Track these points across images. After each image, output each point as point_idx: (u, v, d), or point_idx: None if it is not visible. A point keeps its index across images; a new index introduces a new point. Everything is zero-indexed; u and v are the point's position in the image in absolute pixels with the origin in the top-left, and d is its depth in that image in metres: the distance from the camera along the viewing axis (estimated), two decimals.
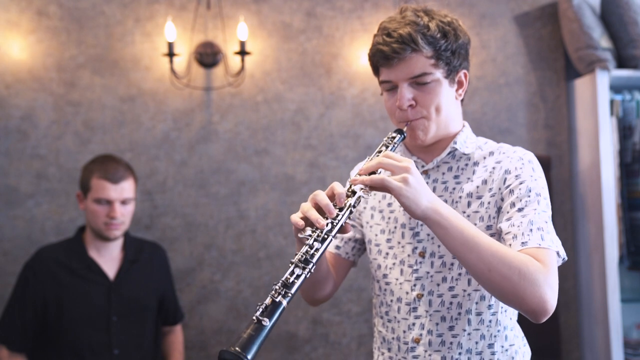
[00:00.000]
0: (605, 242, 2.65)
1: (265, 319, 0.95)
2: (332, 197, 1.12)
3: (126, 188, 2.03)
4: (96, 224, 2.01)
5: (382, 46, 1.26)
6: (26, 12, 2.54)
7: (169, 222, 2.64)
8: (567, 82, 2.96)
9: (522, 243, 1.16)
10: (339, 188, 1.12)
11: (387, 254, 1.36)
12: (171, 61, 2.55)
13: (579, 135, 2.87)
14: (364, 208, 1.44)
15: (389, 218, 1.37)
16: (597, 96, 2.69)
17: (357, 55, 2.79)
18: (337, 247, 1.46)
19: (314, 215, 1.08)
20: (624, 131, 2.81)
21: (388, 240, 1.37)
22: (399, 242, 1.34)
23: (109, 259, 2.08)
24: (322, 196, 1.11)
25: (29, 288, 2.00)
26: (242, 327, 0.97)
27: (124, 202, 2.03)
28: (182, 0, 2.67)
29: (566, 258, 1.20)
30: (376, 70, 1.33)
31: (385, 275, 1.36)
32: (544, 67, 2.94)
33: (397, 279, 1.34)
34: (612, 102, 2.77)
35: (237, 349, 0.91)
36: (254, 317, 0.96)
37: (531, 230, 1.17)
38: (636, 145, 2.75)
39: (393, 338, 1.34)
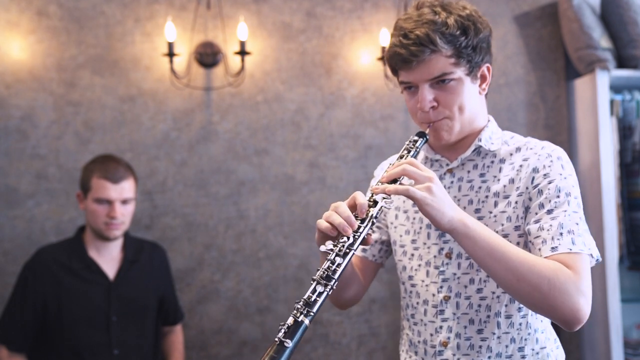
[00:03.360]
0: (605, 242, 2.65)
1: (287, 340, 0.94)
2: (353, 207, 1.10)
3: (126, 188, 2.03)
4: (96, 224, 2.01)
5: (399, 49, 1.20)
6: (26, 12, 2.54)
7: (169, 222, 2.64)
8: (567, 82, 2.96)
9: (552, 248, 1.11)
10: (361, 198, 1.09)
11: (413, 255, 1.32)
12: (171, 61, 2.55)
13: (579, 136, 2.87)
14: (388, 209, 1.38)
15: (414, 218, 1.33)
16: (597, 96, 2.69)
17: (357, 55, 2.79)
18: (364, 250, 1.42)
19: (339, 220, 1.06)
20: (624, 131, 2.81)
21: (413, 241, 1.32)
22: (425, 243, 1.30)
23: (109, 259, 2.08)
24: (343, 208, 1.08)
25: (28, 288, 2.00)
26: (263, 350, 0.96)
27: (124, 202, 2.03)
28: (182, 0, 2.67)
29: (600, 259, 1.16)
30: (394, 71, 1.29)
31: (410, 277, 1.33)
32: (544, 67, 2.94)
33: (423, 281, 1.30)
34: (612, 102, 2.77)
35: None
36: (276, 339, 0.95)
37: (561, 234, 1.12)
38: (636, 145, 2.75)
39: (419, 341, 1.31)
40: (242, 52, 2.57)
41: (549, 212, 1.15)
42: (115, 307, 2.03)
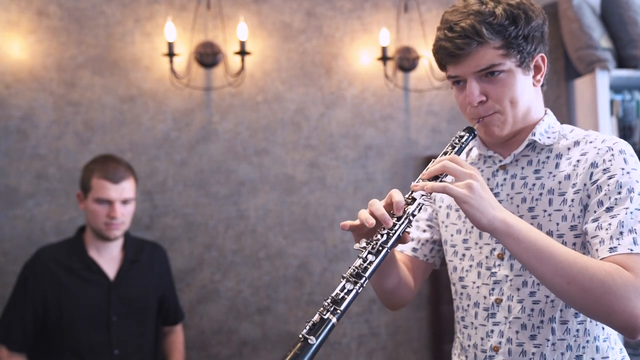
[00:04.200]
0: None
1: (311, 337, 0.92)
2: (390, 205, 1.06)
3: (126, 188, 2.03)
4: (96, 224, 2.01)
5: (445, 42, 1.15)
6: (26, 12, 2.54)
7: (169, 222, 2.64)
8: (567, 82, 2.96)
9: (611, 249, 1.03)
10: (397, 196, 1.05)
11: (464, 255, 1.26)
12: (171, 61, 2.55)
13: None
14: (440, 207, 1.35)
15: (466, 217, 1.24)
16: (597, 96, 2.69)
17: (357, 55, 2.79)
18: (414, 250, 1.36)
19: (364, 215, 1.03)
20: (624, 131, 2.81)
21: (464, 241, 1.27)
22: (476, 243, 1.24)
23: (109, 259, 2.08)
24: (377, 206, 1.04)
25: (28, 288, 2.00)
26: (285, 349, 0.94)
27: (124, 202, 2.03)
28: (182, 0, 2.67)
29: None
30: (441, 66, 1.22)
31: (461, 278, 1.27)
32: None
33: (474, 282, 1.24)
34: (612, 102, 2.77)
35: None
36: (301, 335, 0.93)
37: (621, 233, 1.04)
38: (636, 145, 2.75)
39: (470, 345, 1.25)
40: (242, 52, 2.57)
41: (609, 209, 1.07)
42: (115, 307, 2.03)
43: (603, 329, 1.18)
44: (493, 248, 1.21)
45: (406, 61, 2.80)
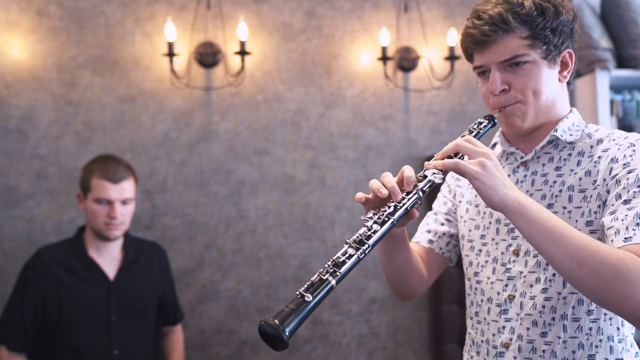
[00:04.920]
0: None
1: (308, 294, 0.91)
2: (401, 181, 1.07)
3: (126, 188, 2.03)
4: (96, 224, 2.01)
5: (472, 29, 1.16)
6: (26, 12, 2.54)
7: (169, 222, 2.64)
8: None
9: (626, 238, 1.01)
10: (408, 171, 1.06)
11: (480, 250, 1.27)
12: (171, 61, 2.55)
13: None
14: (460, 202, 1.35)
15: (484, 213, 1.27)
16: (597, 96, 2.69)
17: (357, 55, 2.79)
18: (430, 242, 1.37)
19: (376, 184, 1.05)
20: (624, 131, 2.81)
21: (482, 237, 1.27)
22: (493, 239, 1.24)
23: (109, 259, 2.08)
24: (389, 178, 1.06)
25: (29, 288, 2.00)
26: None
27: (124, 202, 2.03)
28: (182, 0, 2.67)
29: None
30: (470, 57, 1.23)
31: (476, 274, 1.27)
32: None
33: (488, 278, 1.24)
34: (612, 102, 2.77)
35: (275, 321, 0.88)
36: (298, 292, 0.92)
37: (638, 224, 1.02)
38: None
39: (482, 341, 1.25)
40: (242, 52, 2.57)
41: (626, 202, 1.05)
42: (115, 307, 2.03)
43: (618, 329, 1.16)
44: (509, 244, 1.21)
45: (406, 61, 2.80)
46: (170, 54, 2.52)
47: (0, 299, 2.39)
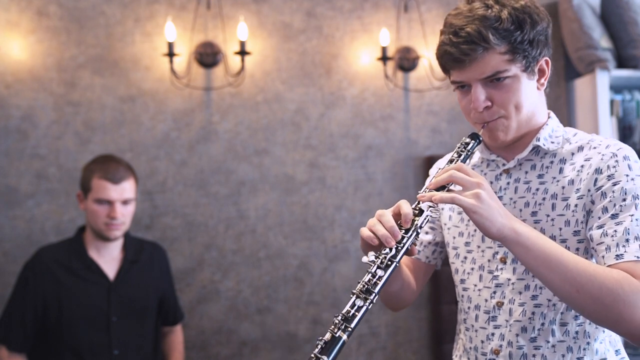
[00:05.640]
0: None
1: (324, 357, 0.92)
2: (398, 215, 1.06)
3: (127, 188, 2.03)
4: (96, 224, 2.01)
5: (450, 47, 1.13)
6: (26, 12, 2.54)
7: (169, 222, 2.64)
8: (567, 82, 2.96)
9: (617, 256, 1.04)
10: (405, 208, 1.05)
11: (466, 257, 1.27)
12: (171, 61, 2.55)
13: None
14: (442, 209, 1.34)
15: (469, 220, 1.26)
16: (597, 96, 2.69)
17: (357, 55, 2.79)
18: (417, 252, 1.36)
19: (382, 231, 1.03)
20: (624, 131, 2.81)
21: (467, 244, 1.27)
22: (479, 246, 1.24)
23: (109, 259, 2.08)
24: (387, 217, 1.05)
25: (29, 288, 1.99)
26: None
27: (124, 202, 2.03)
28: (182, 0, 2.67)
29: None
30: (445, 70, 1.21)
31: (462, 281, 1.27)
32: None
33: (475, 285, 1.24)
34: (612, 102, 2.77)
35: None
36: (313, 355, 0.93)
37: (627, 240, 1.04)
38: (636, 145, 2.75)
39: (471, 347, 1.25)
40: (242, 52, 2.57)
41: (614, 216, 1.07)
42: (115, 307, 2.03)
43: (603, 331, 1.18)
44: (496, 252, 1.21)
45: (406, 61, 2.80)
46: (170, 54, 2.52)
47: (0, 299, 2.39)
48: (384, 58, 2.71)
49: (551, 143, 1.20)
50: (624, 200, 1.07)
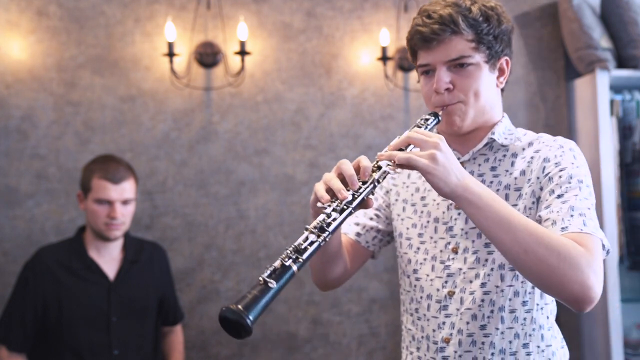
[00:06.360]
0: None
1: (272, 280, 0.92)
2: (357, 169, 1.09)
3: (127, 188, 2.03)
4: (96, 224, 2.01)
5: (421, 27, 1.21)
6: (26, 12, 2.54)
7: (169, 222, 2.64)
8: (567, 82, 2.96)
9: (562, 228, 1.07)
10: (365, 161, 1.09)
11: (419, 248, 1.30)
12: (171, 61, 2.55)
13: (579, 136, 2.87)
14: (396, 200, 1.38)
15: (422, 212, 1.31)
16: (597, 96, 2.69)
17: (357, 55, 2.79)
18: (358, 235, 1.40)
19: (337, 185, 1.06)
20: (624, 131, 2.81)
21: (420, 235, 1.31)
22: (432, 237, 1.29)
23: (109, 259, 2.08)
24: (347, 166, 1.08)
25: (29, 288, 2.00)
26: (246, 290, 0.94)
27: (124, 202, 2.03)
28: (182, 0, 2.67)
29: (610, 251, 1.11)
30: (414, 55, 1.28)
31: (415, 271, 1.31)
32: (544, 67, 2.94)
33: (427, 275, 1.28)
34: (612, 102, 2.77)
35: (239, 307, 0.89)
36: (260, 278, 0.93)
37: (572, 215, 1.08)
38: (636, 145, 2.75)
39: (422, 337, 1.29)
40: (242, 52, 2.57)
41: (560, 196, 1.13)
42: (115, 307, 2.03)
43: (547, 318, 1.24)
44: (448, 242, 1.26)
45: (406, 61, 2.80)
46: (170, 54, 2.52)
47: (0, 299, 2.39)
48: (384, 58, 2.71)
49: (505, 139, 1.28)
50: (569, 182, 1.14)
